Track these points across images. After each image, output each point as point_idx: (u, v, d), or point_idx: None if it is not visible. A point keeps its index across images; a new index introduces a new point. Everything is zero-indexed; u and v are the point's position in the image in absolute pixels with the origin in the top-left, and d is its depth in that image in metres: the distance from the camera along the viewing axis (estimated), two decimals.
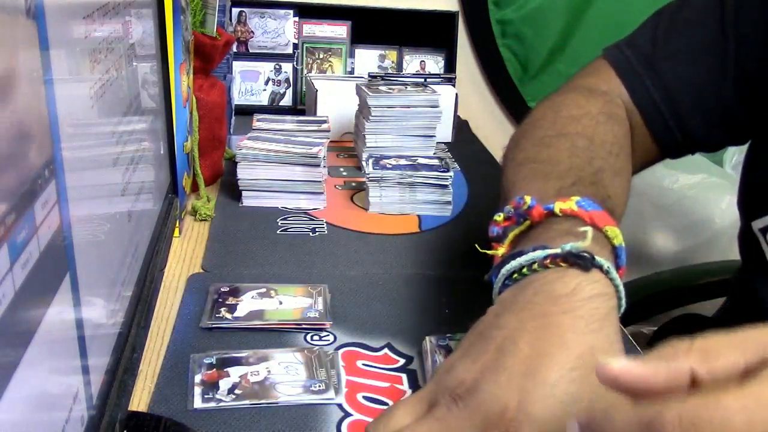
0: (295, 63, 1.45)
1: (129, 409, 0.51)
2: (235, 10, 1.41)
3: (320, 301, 0.72)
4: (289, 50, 1.44)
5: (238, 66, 1.39)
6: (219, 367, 0.61)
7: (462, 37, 1.55)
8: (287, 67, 1.44)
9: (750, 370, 0.32)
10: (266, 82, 1.43)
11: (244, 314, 0.69)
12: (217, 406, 0.57)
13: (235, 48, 1.37)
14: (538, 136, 0.68)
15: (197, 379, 0.59)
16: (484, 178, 1.13)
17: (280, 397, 0.58)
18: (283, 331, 0.68)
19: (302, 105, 1.43)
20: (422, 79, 1.30)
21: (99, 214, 0.43)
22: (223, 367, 0.61)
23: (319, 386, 0.59)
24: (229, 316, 0.68)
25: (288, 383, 0.59)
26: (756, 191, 0.77)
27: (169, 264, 0.79)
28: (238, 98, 1.40)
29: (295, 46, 1.45)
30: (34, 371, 0.29)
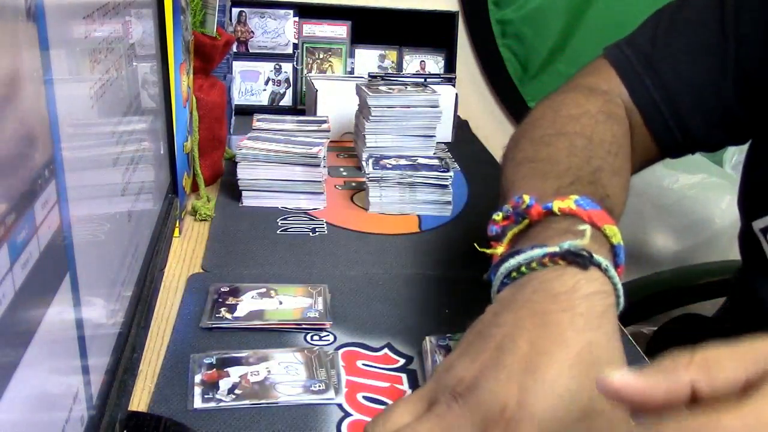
0: (295, 63, 1.45)
1: (129, 409, 0.51)
2: (235, 10, 1.41)
3: (320, 301, 0.72)
4: (289, 50, 1.44)
5: (238, 66, 1.39)
6: (219, 367, 0.61)
7: (462, 37, 1.55)
8: (287, 67, 1.44)
9: (751, 382, 0.32)
10: (266, 82, 1.43)
11: (244, 314, 0.69)
12: (217, 406, 0.57)
13: (235, 48, 1.37)
14: (538, 136, 0.68)
15: (197, 379, 0.59)
16: (484, 178, 1.13)
17: (280, 397, 0.58)
18: (283, 331, 0.68)
19: (302, 105, 1.43)
20: (422, 79, 1.30)
21: (99, 214, 0.43)
22: (223, 367, 0.61)
23: (319, 386, 0.59)
24: (229, 316, 0.68)
25: (288, 383, 0.59)
26: (756, 191, 0.77)
27: (169, 264, 0.79)
28: (238, 98, 1.40)
29: (295, 46, 1.45)
30: (34, 371, 0.29)
